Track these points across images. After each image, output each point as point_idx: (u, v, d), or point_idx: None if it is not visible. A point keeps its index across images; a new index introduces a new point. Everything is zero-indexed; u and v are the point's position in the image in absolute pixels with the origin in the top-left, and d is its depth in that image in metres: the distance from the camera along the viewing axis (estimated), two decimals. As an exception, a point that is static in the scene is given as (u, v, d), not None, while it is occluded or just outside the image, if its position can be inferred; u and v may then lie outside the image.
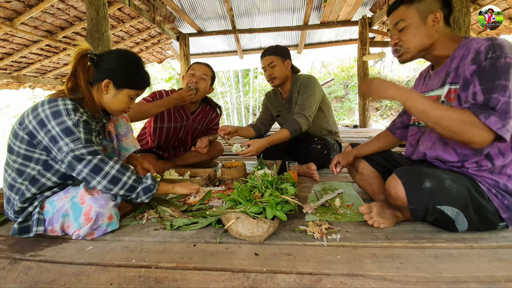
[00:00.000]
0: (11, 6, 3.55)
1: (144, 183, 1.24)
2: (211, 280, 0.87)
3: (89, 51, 1.24)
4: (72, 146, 1.12)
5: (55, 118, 1.13)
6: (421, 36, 1.15)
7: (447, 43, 1.15)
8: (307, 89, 2.08)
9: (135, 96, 1.35)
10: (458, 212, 1.02)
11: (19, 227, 1.17)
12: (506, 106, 0.94)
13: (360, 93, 1.49)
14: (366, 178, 1.46)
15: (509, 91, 0.94)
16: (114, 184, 1.17)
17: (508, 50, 0.97)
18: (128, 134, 1.53)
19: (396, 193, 1.05)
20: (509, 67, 0.96)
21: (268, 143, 1.93)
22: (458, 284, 0.81)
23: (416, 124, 1.32)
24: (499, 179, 1.05)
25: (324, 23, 5.75)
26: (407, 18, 1.16)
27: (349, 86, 13.63)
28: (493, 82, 0.96)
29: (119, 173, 1.17)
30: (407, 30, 1.17)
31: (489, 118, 0.94)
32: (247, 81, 14.33)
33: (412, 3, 1.15)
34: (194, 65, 2.15)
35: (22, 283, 0.90)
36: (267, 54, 2.15)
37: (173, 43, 6.61)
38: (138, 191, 1.22)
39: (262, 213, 1.15)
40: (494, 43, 0.99)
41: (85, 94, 1.23)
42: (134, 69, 1.31)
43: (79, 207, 1.15)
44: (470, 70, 1.02)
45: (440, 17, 1.12)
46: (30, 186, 1.19)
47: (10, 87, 5.38)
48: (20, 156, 1.18)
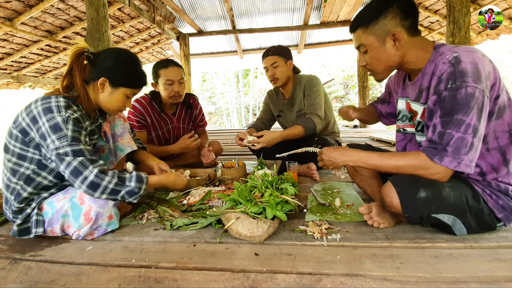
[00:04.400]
0: (11, 6, 3.55)
1: (127, 186, 1.18)
2: (211, 280, 0.87)
3: (85, 50, 1.24)
4: (58, 143, 1.10)
5: (45, 114, 1.12)
6: (383, 59, 1.12)
7: (416, 55, 1.09)
8: (313, 90, 2.08)
9: (131, 95, 1.34)
10: (454, 218, 1.02)
11: (18, 229, 1.17)
12: (460, 142, 0.93)
13: (322, 166, 1.52)
14: (365, 179, 1.46)
15: (465, 126, 0.93)
16: (93, 189, 1.12)
17: (470, 78, 0.92)
18: (124, 134, 1.51)
19: (391, 201, 1.05)
20: (470, 98, 0.92)
21: (282, 138, 1.91)
22: (458, 284, 0.81)
23: (402, 130, 1.30)
24: (491, 181, 1.05)
25: (324, 23, 5.75)
26: (365, 43, 1.12)
27: (349, 86, 13.63)
28: (451, 116, 0.94)
29: (97, 178, 1.11)
30: (369, 54, 1.14)
31: (443, 159, 0.96)
32: (247, 81, 14.33)
33: (367, 27, 1.10)
34: (166, 72, 1.95)
35: (22, 283, 0.90)
36: (269, 54, 2.12)
37: (173, 43, 6.61)
38: (123, 194, 1.18)
39: (262, 213, 1.15)
40: (455, 70, 0.94)
41: (80, 92, 1.22)
42: (131, 68, 1.30)
43: (79, 207, 1.15)
44: (432, 100, 1.01)
45: (399, 36, 1.06)
46: (25, 186, 1.18)
47: (10, 87, 5.38)
48: (14, 155, 1.17)
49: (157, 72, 1.98)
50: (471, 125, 0.93)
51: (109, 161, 1.46)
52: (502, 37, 4.90)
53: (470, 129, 0.93)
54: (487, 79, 0.94)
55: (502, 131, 1.02)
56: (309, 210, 1.37)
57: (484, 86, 0.93)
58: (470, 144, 0.93)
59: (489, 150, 1.03)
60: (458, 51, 0.98)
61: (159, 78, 1.98)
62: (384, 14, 1.06)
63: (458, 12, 3.01)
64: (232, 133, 5.80)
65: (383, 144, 3.47)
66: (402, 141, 1.29)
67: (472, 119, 0.92)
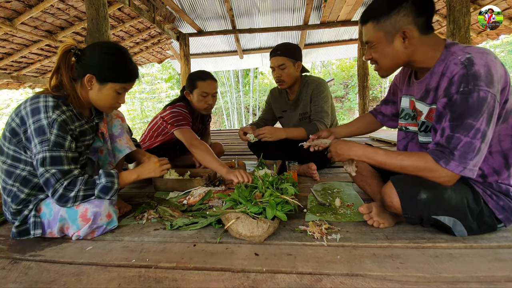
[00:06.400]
0: (11, 6, 3.55)
1: (98, 185, 1.17)
2: (211, 280, 0.87)
3: (73, 47, 1.20)
4: (39, 148, 1.09)
5: (33, 115, 1.11)
6: (390, 57, 1.08)
7: (426, 54, 1.06)
8: (321, 96, 2.06)
9: (122, 90, 1.27)
10: (455, 221, 1.01)
11: (17, 230, 1.16)
12: (468, 147, 0.92)
13: (331, 157, 1.51)
14: (365, 178, 1.46)
15: (474, 131, 0.91)
16: (63, 201, 1.12)
17: (483, 82, 0.89)
18: (122, 135, 1.50)
19: (391, 202, 1.05)
20: (482, 103, 0.89)
21: (286, 135, 1.93)
22: (458, 284, 0.81)
23: (404, 129, 1.28)
24: (492, 182, 1.05)
25: (324, 23, 5.75)
26: (373, 38, 1.08)
27: (349, 86, 13.63)
28: (461, 121, 0.92)
29: (66, 191, 1.11)
30: (376, 50, 1.10)
31: (449, 163, 0.94)
32: (247, 81, 14.34)
33: (379, 21, 1.05)
34: (205, 84, 1.95)
35: (22, 283, 0.90)
36: (277, 54, 2.02)
37: (173, 43, 6.61)
38: (98, 194, 1.16)
39: (262, 213, 1.15)
40: (468, 73, 0.91)
41: (70, 92, 1.19)
42: (117, 62, 1.23)
43: (74, 211, 1.14)
44: (442, 102, 0.98)
45: (409, 34, 1.02)
46: (22, 187, 1.17)
47: (10, 87, 5.38)
48: (9, 157, 1.16)
49: (194, 83, 1.97)
50: (481, 130, 0.91)
51: (108, 162, 1.46)
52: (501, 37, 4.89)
53: (479, 134, 0.91)
54: (498, 82, 0.92)
55: (506, 134, 1.01)
56: (309, 210, 1.37)
57: (496, 90, 0.91)
58: (478, 149, 0.92)
59: (492, 153, 1.02)
60: (470, 52, 0.94)
61: (195, 88, 1.97)
62: (397, 10, 1.01)
63: (458, 12, 3.01)
64: (232, 133, 5.80)
65: (383, 144, 3.47)
66: (403, 140, 1.28)
67: (482, 124, 0.91)
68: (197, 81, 1.96)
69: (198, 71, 2.05)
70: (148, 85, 14.66)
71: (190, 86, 1.99)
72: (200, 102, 1.98)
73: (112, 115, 1.50)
